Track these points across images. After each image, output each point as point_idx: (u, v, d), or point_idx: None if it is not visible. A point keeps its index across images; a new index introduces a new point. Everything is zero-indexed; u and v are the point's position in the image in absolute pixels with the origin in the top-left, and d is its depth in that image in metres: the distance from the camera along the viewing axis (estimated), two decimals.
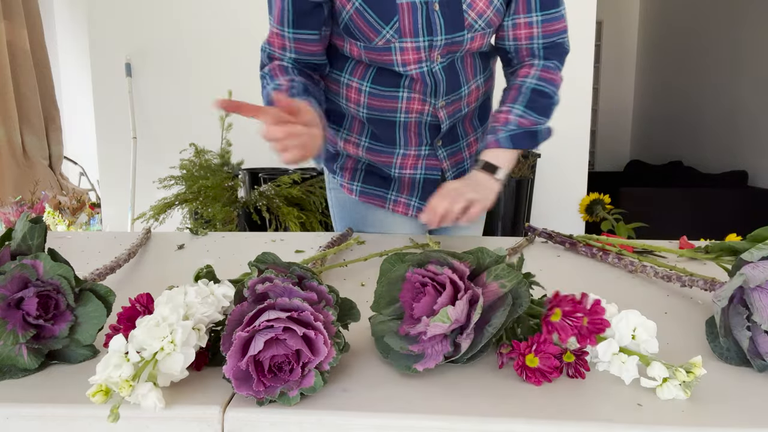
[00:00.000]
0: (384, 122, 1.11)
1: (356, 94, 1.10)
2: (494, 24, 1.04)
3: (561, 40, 1.09)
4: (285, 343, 0.44)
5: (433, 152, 1.16)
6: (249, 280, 0.49)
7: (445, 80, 1.06)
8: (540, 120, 1.05)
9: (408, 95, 1.08)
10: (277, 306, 0.46)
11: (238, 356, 0.44)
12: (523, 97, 1.04)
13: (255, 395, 0.43)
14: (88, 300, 0.54)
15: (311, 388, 0.44)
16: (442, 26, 0.98)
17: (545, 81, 1.06)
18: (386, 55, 1.02)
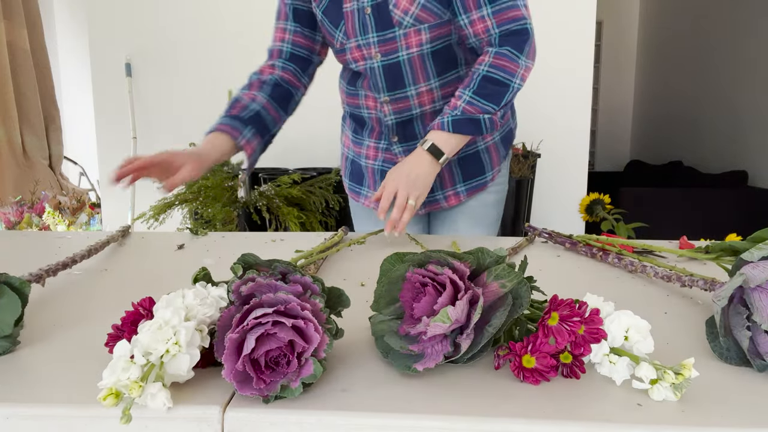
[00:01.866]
0: (357, 116, 1.29)
1: (342, 93, 1.31)
2: (425, 20, 1.11)
3: (518, 27, 1.10)
4: (276, 336, 0.44)
5: (390, 147, 1.27)
6: (233, 284, 0.49)
7: (384, 76, 1.17)
8: (487, 107, 1.08)
9: (364, 92, 1.23)
10: (264, 303, 0.46)
11: (233, 358, 0.44)
12: (473, 84, 1.08)
13: (259, 394, 0.44)
14: (3, 293, 0.55)
15: (312, 376, 0.44)
16: (374, 26, 1.13)
17: (497, 68, 1.08)
18: (343, 56, 1.21)
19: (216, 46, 3.02)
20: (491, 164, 1.28)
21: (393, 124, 1.22)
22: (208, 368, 0.50)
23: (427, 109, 1.20)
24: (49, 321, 0.64)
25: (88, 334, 0.60)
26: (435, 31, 1.13)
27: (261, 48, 1.38)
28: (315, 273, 0.80)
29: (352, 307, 0.68)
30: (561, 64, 2.88)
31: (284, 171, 2.74)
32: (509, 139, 1.34)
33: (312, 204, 2.47)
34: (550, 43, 2.87)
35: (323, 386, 0.47)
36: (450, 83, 1.19)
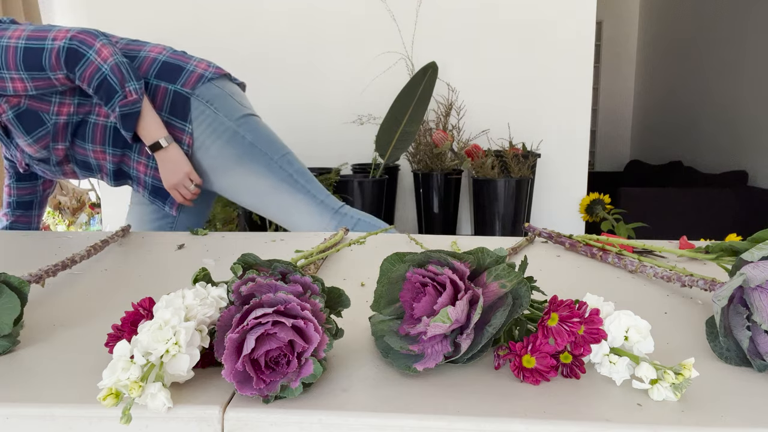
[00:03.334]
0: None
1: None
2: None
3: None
4: (276, 336, 0.44)
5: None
6: (232, 284, 0.49)
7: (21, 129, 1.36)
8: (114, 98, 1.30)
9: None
10: (264, 303, 0.46)
11: (233, 359, 0.44)
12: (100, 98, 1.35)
13: (259, 394, 0.44)
14: (1, 292, 0.55)
15: (312, 375, 0.44)
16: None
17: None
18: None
19: (215, 46, 3.02)
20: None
21: (55, 162, 1.44)
22: (208, 368, 0.50)
23: (61, 147, 1.40)
24: (49, 321, 0.64)
25: (88, 334, 0.60)
26: (12, 100, 1.30)
27: (261, 48, 1.39)
28: (315, 273, 0.80)
29: (352, 307, 0.68)
30: (561, 64, 2.88)
31: None
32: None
33: None
34: (550, 44, 2.88)
35: (323, 386, 0.47)
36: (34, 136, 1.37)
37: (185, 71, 1.39)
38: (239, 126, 1.41)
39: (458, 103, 2.88)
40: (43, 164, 1.43)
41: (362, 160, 2.92)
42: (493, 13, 2.88)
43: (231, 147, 1.40)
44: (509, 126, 2.91)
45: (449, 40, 2.91)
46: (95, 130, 1.39)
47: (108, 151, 1.43)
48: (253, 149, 1.42)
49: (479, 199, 2.70)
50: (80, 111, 1.37)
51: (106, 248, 1.00)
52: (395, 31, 2.87)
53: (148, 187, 1.48)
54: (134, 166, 1.47)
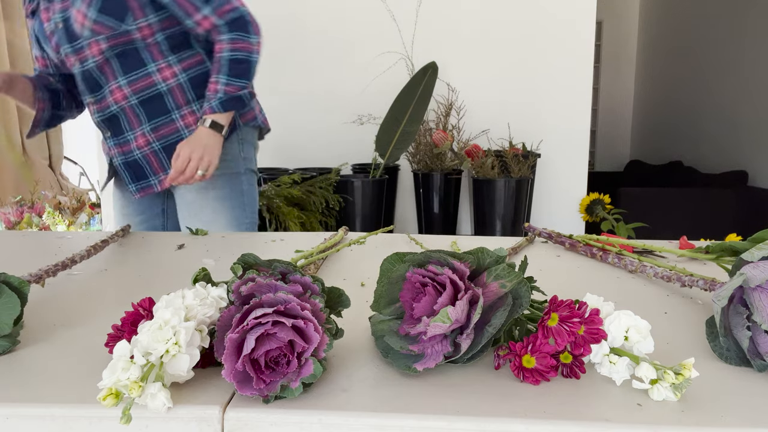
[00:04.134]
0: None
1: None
2: (101, 32, 1.30)
3: (237, 15, 1.34)
4: (276, 336, 0.44)
5: (107, 142, 1.48)
6: (233, 284, 0.49)
7: (83, 81, 1.39)
8: (243, 84, 1.35)
9: (81, 97, 1.46)
10: (264, 303, 0.46)
11: (233, 358, 0.44)
12: (225, 69, 1.33)
13: (259, 394, 0.44)
14: (2, 292, 0.56)
15: (312, 375, 0.44)
16: (65, 38, 1.34)
17: (237, 50, 1.33)
18: (63, 66, 1.41)
19: None
20: None
21: (99, 121, 1.45)
22: (208, 368, 0.50)
23: (124, 105, 1.39)
24: (49, 321, 0.64)
25: (87, 334, 0.60)
26: (114, 41, 1.32)
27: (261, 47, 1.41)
28: (315, 273, 0.80)
29: (352, 307, 0.68)
30: (561, 64, 2.88)
31: (284, 171, 2.74)
32: (233, 129, 1.50)
33: (312, 204, 2.47)
34: (550, 43, 2.88)
35: (323, 386, 0.47)
36: (138, 80, 1.38)
37: (248, 106, 1.46)
38: (245, 175, 1.52)
39: (458, 103, 2.88)
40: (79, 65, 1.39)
41: (362, 160, 2.92)
42: (493, 13, 2.88)
43: (228, 184, 1.47)
44: (509, 126, 2.91)
45: (449, 40, 2.90)
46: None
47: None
48: (239, 199, 1.50)
49: (479, 199, 2.70)
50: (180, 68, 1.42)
51: (105, 248, 1.00)
52: (395, 31, 2.87)
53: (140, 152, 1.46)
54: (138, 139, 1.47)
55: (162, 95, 1.40)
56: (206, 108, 1.33)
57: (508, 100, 2.94)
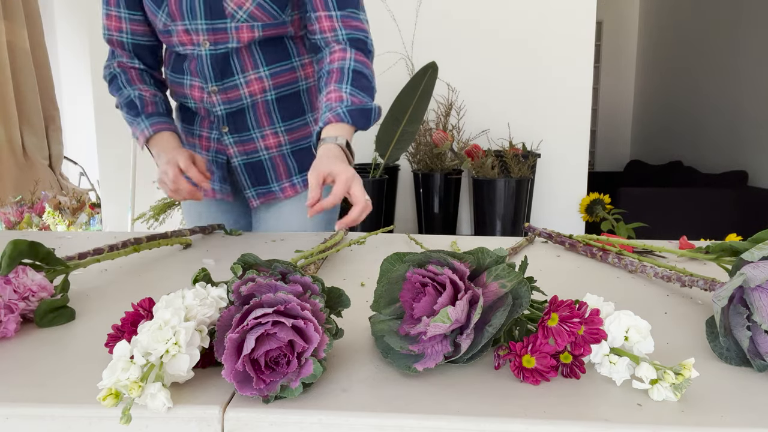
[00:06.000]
0: (184, 107, 1.29)
1: (167, 80, 1.28)
2: (259, 18, 1.12)
3: (363, 37, 1.15)
4: (276, 336, 0.44)
5: (221, 138, 1.26)
6: (233, 284, 0.49)
7: (212, 64, 1.16)
8: (367, 100, 1.10)
9: (190, 81, 1.20)
10: (264, 303, 0.46)
11: (233, 358, 0.44)
12: (348, 78, 1.10)
13: (259, 394, 0.44)
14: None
15: (311, 376, 0.44)
16: (202, 12, 1.11)
17: (362, 64, 1.13)
18: (169, 38, 1.17)
19: None
20: None
21: (223, 114, 1.21)
22: (208, 368, 0.50)
23: (258, 99, 1.21)
24: None
25: (88, 334, 0.60)
26: (269, 30, 1.15)
27: None
28: (315, 273, 0.80)
29: (352, 307, 0.68)
30: (561, 64, 2.88)
31: None
32: None
33: None
34: (550, 43, 2.88)
35: (323, 386, 0.47)
36: (282, 73, 1.21)
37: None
38: None
39: (458, 103, 2.88)
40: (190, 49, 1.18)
41: (362, 159, 2.92)
42: (493, 13, 2.88)
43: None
44: (509, 126, 2.91)
45: (449, 40, 2.90)
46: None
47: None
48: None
49: (479, 199, 2.70)
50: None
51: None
52: (395, 31, 2.87)
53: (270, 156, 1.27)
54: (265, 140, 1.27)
55: (300, 94, 1.24)
56: (330, 116, 1.06)
57: (508, 100, 2.94)
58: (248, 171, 1.26)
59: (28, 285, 0.62)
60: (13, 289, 0.60)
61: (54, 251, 0.68)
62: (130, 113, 1.21)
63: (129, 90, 1.21)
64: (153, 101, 1.20)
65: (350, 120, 1.06)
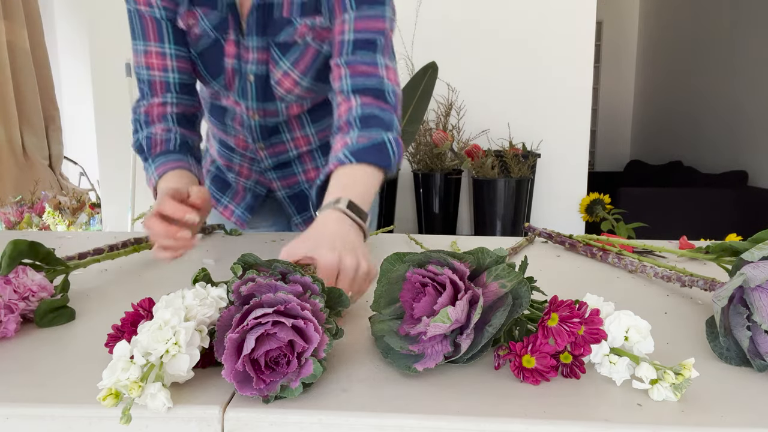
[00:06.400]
0: (227, 144, 1.21)
1: (207, 121, 1.21)
2: (308, 96, 1.06)
3: (375, 85, 0.93)
4: (276, 336, 0.44)
5: (264, 174, 1.22)
6: (233, 284, 0.49)
7: (260, 130, 1.12)
8: (378, 134, 0.88)
9: (234, 132, 1.16)
10: (264, 303, 0.46)
11: (233, 358, 0.44)
12: (354, 126, 0.90)
13: (259, 394, 0.44)
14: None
15: (311, 376, 0.44)
16: (254, 93, 1.05)
17: (371, 106, 0.91)
18: (217, 98, 1.12)
19: None
20: None
21: (269, 162, 1.18)
22: (208, 368, 0.50)
23: (304, 150, 1.19)
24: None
25: (88, 334, 0.60)
26: (317, 100, 1.10)
27: None
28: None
29: (352, 307, 0.68)
30: (561, 64, 2.88)
31: None
32: None
33: None
34: (550, 43, 2.88)
35: (323, 386, 0.47)
36: (327, 128, 1.16)
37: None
38: None
39: (458, 103, 2.88)
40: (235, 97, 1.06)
41: None
42: (493, 13, 2.88)
43: None
44: (509, 126, 2.91)
45: (449, 40, 2.90)
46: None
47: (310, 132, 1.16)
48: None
49: (479, 199, 2.70)
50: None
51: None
52: (395, 31, 2.87)
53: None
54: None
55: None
56: (329, 166, 0.86)
57: (508, 100, 2.94)
58: (294, 201, 1.25)
59: (28, 285, 0.62)
60: (13, 289, 0.60)
61: (54, 251, 0.68)
62: (142, 160, 1.02)
63: (141, 133, 1.03)
64: (163, 139, 0.98)
65: (355, 159, 0.83)
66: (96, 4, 3.03)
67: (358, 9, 0.93)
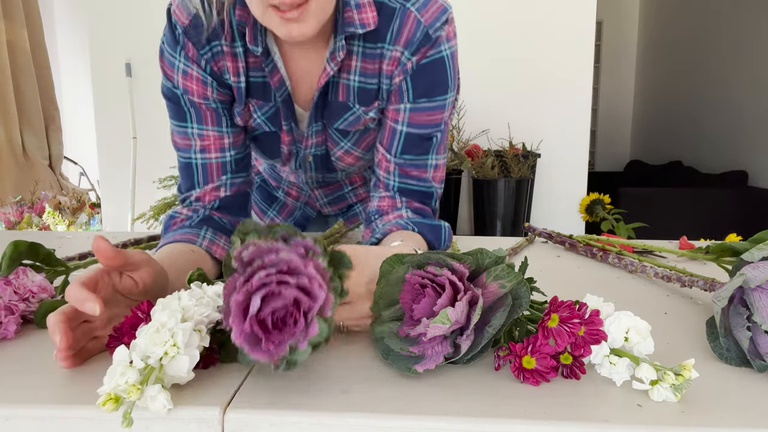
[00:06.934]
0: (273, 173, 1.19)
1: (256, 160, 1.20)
2: (369, 164, 1.02)
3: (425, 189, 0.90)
4: (282, 295, 0.44)
5: (313, 199, 1.19)
6: (234, 251, 0.48)
7: (317, 184, 1.12)
8: (434, 222, 0.87)
9: (288, 185, 1.18)
10: (267, 264, 0.45)
11: (240, 320, 0.44)
12: (406, 209, 0.88)
13: (268, 358, 0.43)
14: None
15: (318, 335, 0.44)
16: (313, 168, 1.01)
17: (415, 210, 0.89)
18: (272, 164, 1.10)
19: None
20: None
21: (325, 201, 1.18)
22: (209, 369, 0.50)
23: (358, 184, 1.18)
24: None
25: None
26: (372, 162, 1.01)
27: None
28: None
29: None
30: (561, 64, 2.88)
31: None
32: None
33: None
34: (550, 43, 2.88)
35: (323, 387, 0.47)
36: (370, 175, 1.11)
37: None
38: None
39: (458, 103, 2.88)
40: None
41: None
42: (492, 13, 2.88)
43: None
44: (509, 126, 2.91)
45: None
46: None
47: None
48: None
49: (479, 199, 2.70)
50: None
51: None
52: None
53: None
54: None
55: None
56: (389, 227, 0.83)
57: (508, 100, 2.94)
58: (340, 217, 1.24)
59: (28, 286, 0.62)
60: (14, 290, 0.60)
61: (54, 252, 0.68)
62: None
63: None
64: (185, 216, 0.86)
65: (416, 228, 0.82)
66: (96, 4, 3.03)
67: (416, 101, 0.84)
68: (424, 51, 0.82)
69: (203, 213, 0.87)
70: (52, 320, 0.50)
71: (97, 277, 0.54)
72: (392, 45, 0.82)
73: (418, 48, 0.81)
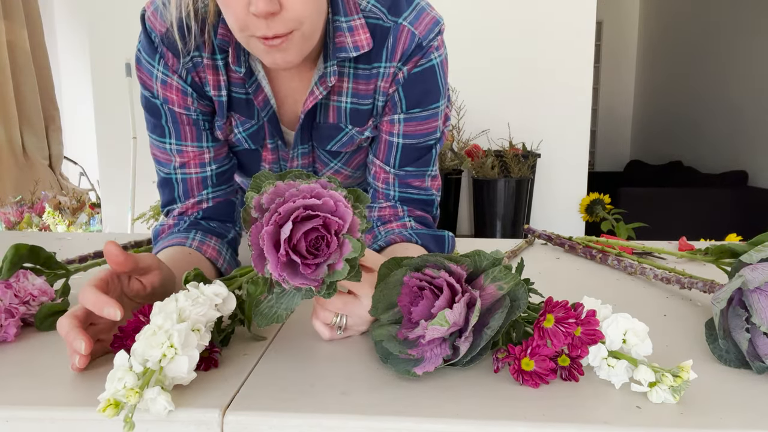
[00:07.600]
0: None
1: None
2: (357, 180, 0.99)
3: (425, 197, 0.90)
4: (310, 218, 0.45)
5: None
6: (253, 200, 0.47)
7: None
8: (437, 232, 0.87)
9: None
10: (289, 198, 0.46)
11: (274, 251, 0.44)
12: (409, 220, 0.88)
13: (309, 283, 0.44)
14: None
15: (353, 252, 0.45)
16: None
17: (417, 217, 0.88)
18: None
19: None
20: None
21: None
22: (209, 371, 0.50)
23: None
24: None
25: None
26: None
27: None
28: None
29: None
30: (561, 64, 2.88)
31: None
32: None
33: None
34: (550, 43, 2.88)
35: (323, 389, 0.47)
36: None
37: None
38: None
39: (458, 103, 2.88)
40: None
41: None
42: (493, 13, 2.88)
43: None
44: (509, 126, 2.91)
45: (449, 40, 2.90)
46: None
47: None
48: None
49: (479, 199, 2.70)
50: None
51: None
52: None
53: None
54: None
55: None
56: (393, 236, 0.83)
57: (508, 100, 2.94)
58: None
59: (28, 289, 0.62)
60: (14, 294, 0.60)
61: (54, 255, 0.68)
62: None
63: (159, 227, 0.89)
64: (171, 224, 0.86)
65: (420, 240, 0.81)
66: (96, 4, 3.03)
67: (409, 111, 0.83)
68: (415, 60, 0.80)
69: (189, 220, 0.86)
70: (67, 325, 0.50)
71: (107, 280, 0.54)
72: (389, 62, 0.81)
73: (410, 58, 0.80)
